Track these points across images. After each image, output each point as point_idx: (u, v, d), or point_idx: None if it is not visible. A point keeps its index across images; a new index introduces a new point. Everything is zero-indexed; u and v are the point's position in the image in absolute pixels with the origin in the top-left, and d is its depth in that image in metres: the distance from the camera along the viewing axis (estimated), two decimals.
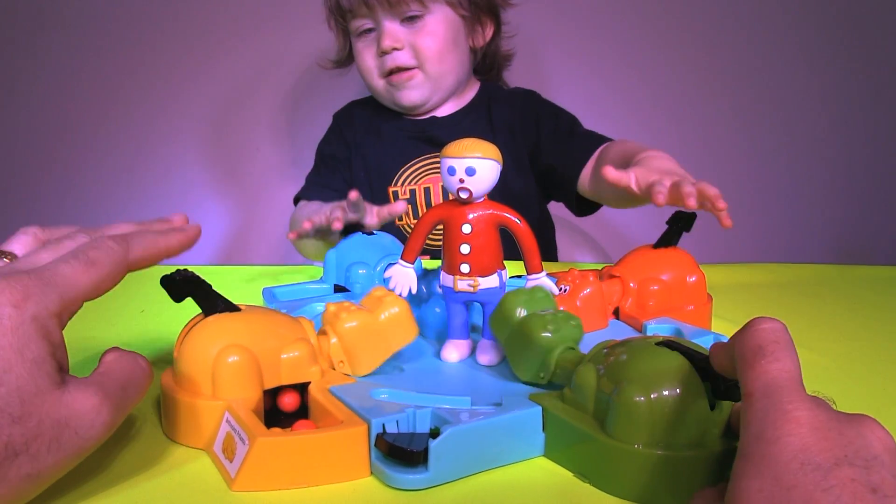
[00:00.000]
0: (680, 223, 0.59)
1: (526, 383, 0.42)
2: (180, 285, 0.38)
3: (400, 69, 0.97)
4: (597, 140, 0.96)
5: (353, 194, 0.70)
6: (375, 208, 0.73)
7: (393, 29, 0.95)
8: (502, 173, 0.45)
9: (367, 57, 0.99)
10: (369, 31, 0.98)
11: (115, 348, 0.35)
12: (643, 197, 0.65)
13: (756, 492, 0.24)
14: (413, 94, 0.99)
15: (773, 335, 0.28)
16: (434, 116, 1.04)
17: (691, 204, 0.57)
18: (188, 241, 0.39)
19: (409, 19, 0.96)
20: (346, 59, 1.07)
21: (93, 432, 0.31)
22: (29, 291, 0.30)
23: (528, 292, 0.45)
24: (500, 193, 0.44)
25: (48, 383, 0.30)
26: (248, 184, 1.36)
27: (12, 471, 0.28)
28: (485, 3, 1.02)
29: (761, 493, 0.24)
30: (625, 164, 0.75)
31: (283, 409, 0.39)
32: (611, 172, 0.65)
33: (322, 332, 0.43)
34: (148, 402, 0.42)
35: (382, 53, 0.97)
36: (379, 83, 1.00)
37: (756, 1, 1.31)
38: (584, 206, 0.99)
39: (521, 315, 0.43)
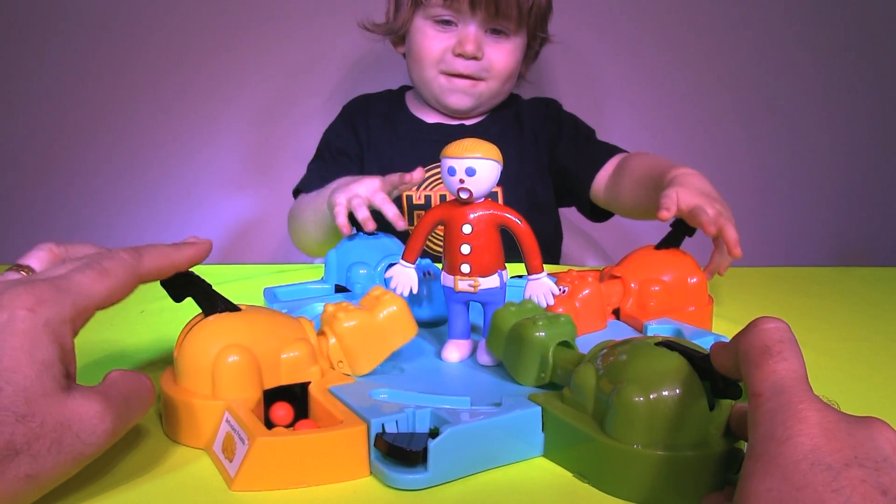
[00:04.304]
0: (684, 227, 0.59)
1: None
2: (180, 285, 0.39)
3: (469, 76, 0.95)
4: (613, 149, 0.96)
5: (419, 173, 0.68)
6: (399, 185, 0.71)
7: (480, 36, 0.93)
8: (529, 180, 0.45)
9: (435, 46, 0.94)
10: (448, 22, 0.93)
11: (119, 369, 0.36)
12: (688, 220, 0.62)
13: (765, 492, 0.24)
14: (465, 101, 0.97)
15: (779, 334, 0.28)
16: (463, 124, 1.01)
17: (737, 253, 0.59)
18: (199, 254, 0.40)
19: (496, 32, 0.94)
20: (396, 30, 0.99)
21: (94, 438, 0.31)
22: (43, 297, 0.31)
23: (517, 304, 0.45)
24: (526, 201, 0.44)
25: (54, 386, 0.30)
26: (248, 183, 1.36)
27: (11, 470, 0.28)
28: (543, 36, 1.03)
29: (770, 493, 0.24)
30: (651, 181, 0.74)
31: (276, 422, 0.38)
32: (665, 215, 0.61)
33: (321, 333, 0.43)
34: None
35: (460, 55, 0.93)
36: (436, 76, 0.96)
37: (756, 3, 1.31)
38: (597, 212, 0.97)
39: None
